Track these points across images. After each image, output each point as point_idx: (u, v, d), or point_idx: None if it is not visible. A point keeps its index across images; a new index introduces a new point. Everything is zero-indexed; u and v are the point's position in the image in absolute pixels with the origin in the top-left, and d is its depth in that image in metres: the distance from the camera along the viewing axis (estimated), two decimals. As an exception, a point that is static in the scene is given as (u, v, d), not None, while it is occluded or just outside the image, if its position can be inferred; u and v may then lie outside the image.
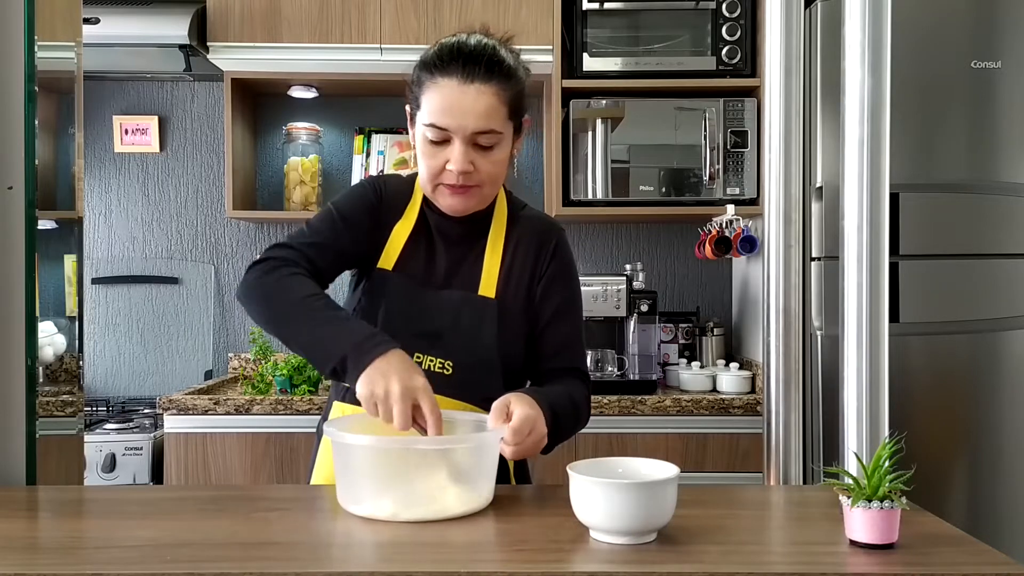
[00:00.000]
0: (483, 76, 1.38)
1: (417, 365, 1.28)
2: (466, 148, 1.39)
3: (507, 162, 1.47)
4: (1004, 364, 2.33)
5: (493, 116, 1.39)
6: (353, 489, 1.19)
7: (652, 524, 1.05)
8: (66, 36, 1.60)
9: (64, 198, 1.62)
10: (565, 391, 1.44)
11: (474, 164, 1.40)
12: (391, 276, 1.47)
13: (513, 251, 1.51)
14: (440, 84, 1.38)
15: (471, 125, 1.38)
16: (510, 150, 1.46)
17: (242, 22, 2.83)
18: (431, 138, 1.40)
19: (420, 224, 1.51)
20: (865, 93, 1.36)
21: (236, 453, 2.59)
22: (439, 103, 1.38)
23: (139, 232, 3.29)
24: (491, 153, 1.41)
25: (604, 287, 2.81)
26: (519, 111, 1.45)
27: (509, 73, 1.41)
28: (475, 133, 1.38)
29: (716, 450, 2.62)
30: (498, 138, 1.41)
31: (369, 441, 1.19)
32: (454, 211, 1.46)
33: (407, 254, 1.49)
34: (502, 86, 1.39)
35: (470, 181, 1.41)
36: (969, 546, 1.06)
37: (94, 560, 1.01)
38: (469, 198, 1.44)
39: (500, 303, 1.47)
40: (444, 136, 1.39)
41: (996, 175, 2.33)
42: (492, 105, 1.38)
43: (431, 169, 1.42)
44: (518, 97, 1.43)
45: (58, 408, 1.55)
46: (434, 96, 1.39)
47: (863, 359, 1.36)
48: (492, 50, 1.40)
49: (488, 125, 1.38)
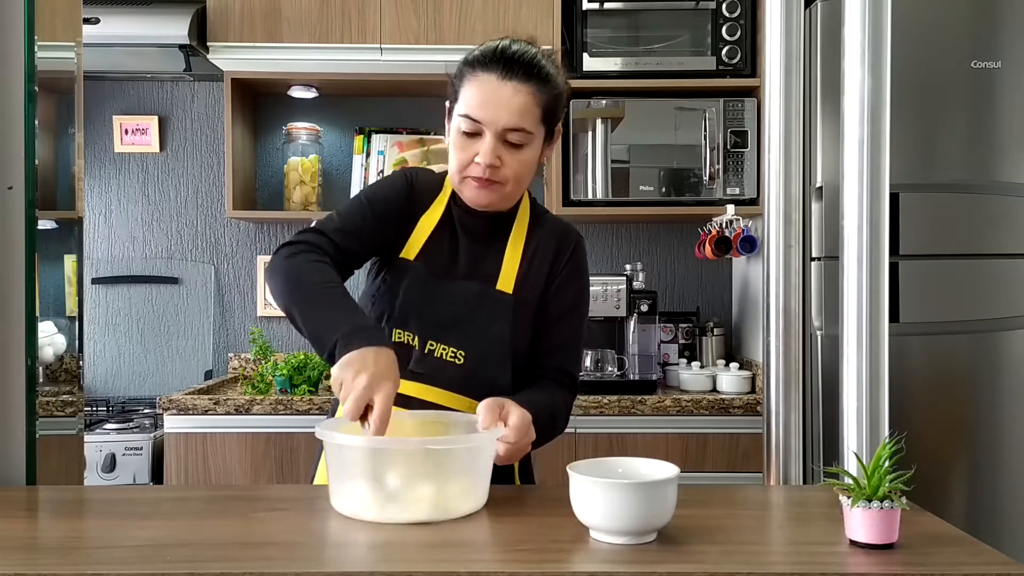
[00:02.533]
0: (522, 76, 1.41)
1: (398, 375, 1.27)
2: (496, 143, 1.42)
3: (535, 164, 1.49)
4: (1004, 364, 2.33)
5: (526, 115, 1.42)
6: (344, 490, 1.19)
7: (652, 524, 1.05)
8: (66, 36, 1.60)
9: (64, 198, 1.62)
10: (546, 399, 1.45)
11: (501, 159, 1.43)
12: (412, 265, 1.49)
13: (533, 251, 1.53)
14: (480, 78, 1.42)
15: (503, 120, 1.40)
16: (539, 154, 1.49)
17: (242, 22, 2.83)
18: (464, 129, 1.43)
19: (446, 218, 1.53)
20: (865, 93, 1.36)
21: (236, 453, 2.59)
22: (476, 96, 1.42)
23: (139, 232, 3.29)
24: (520, 152, 1.44)
25: (604, 287, 2.81)
26: (553, 117, 1.48)
27: (547, 78, 1.45)
28: (506, 129, 1.41)
29: (716, 450, 2.62)
30: (529, 138, 1.44)
31: (361, 442, 1.18)
32: (477, 204, 1.48)
33: (430, 245, 1.51)
34: (539, 88, 1.43)
35: (496, 176, 1.43)
36: (969, 546, 1.06)
37: (94, 560, 1.01)
38: (492, 192, 1.46)
39: (516, 299, 1.49)
40: (476, 128, 1.42)
41: (996, 175, 2.33)
42: (526, 104, 1.41)
43: (460, 161, 1.45)
44: (553, 102, 1.46)
45: (58, 408, 1.55)
46: (472, 89, 1.43)
47: (863, 359, 1.36)
48: (533, 55, 1.44)
49: (520, 123, 1.41)
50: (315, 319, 1.34)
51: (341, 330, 1.28)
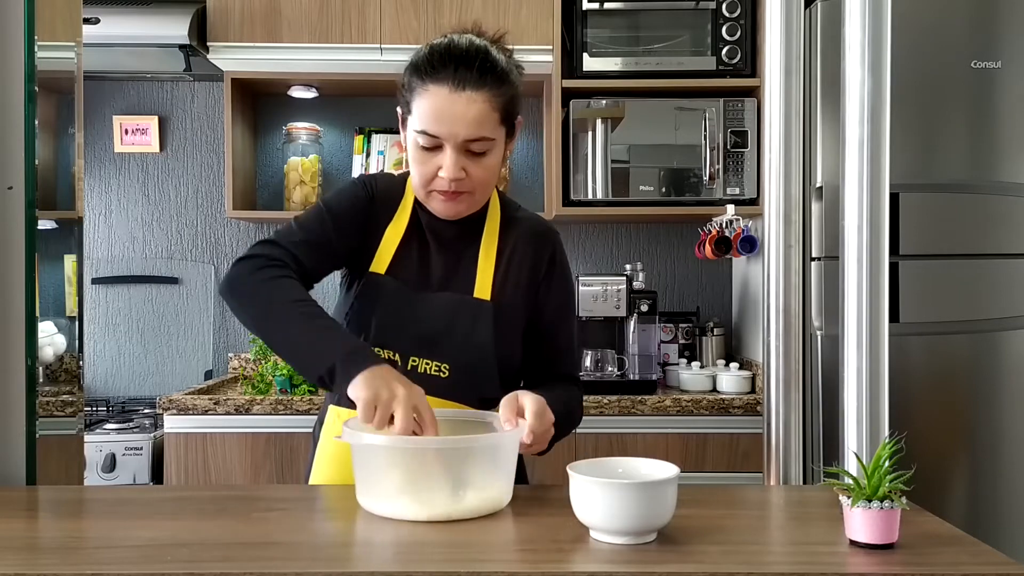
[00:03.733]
0: (475, 83, 1.35)
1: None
2: (458, 155, 1.37)
3: (500, 166, 1.45)
4: (1004, 364, 2.33)
5: (485, 123, 1.37)
6: (374, 489, 1.19)
7: (652, 524, 1.05)
8: (66, 36, 1.60)
9: (64, 198, 1.62)
10: (559, 394, 1.44)
11: (466, 171, 1.39)
12: (384, 280, 1.46)
13: (509, 253, 1.50)
14: (431, 91, 1.36)
15: (463, 133, 1.36)
16: (503, 154, 1.45)
17: (242, 22, 2.83)
18: (423, 144, 1.38)
19: (412, 226, 1.49)
20: (865, 93, 1.36)
21: (236, 453, 2.59)
22: (430, 110, 1.36)
23: (139, 232, 3.29)
24: (483, 159, 1.40)
25: (604, 287, 2.81)
26: (511, 115, 1.43)
27: (502, 78, 1.39)
28: (467, 141, 1.37)
29: (716, 450, 2.62)
30: (490, 144, 1.40)
31: (387, 441, 1.18)
32: (446, 216, 1.46)
33: (400, 257, 1.48)
34: (494, 92, 1.37)
35: (462, 187, 1.40)
36: (969, 546, 1.06)
37: (94, 560, 1.01)
38: (460, 203, 1.43)
39: (495, 305, 1.47)
40: (435, 143, 1.37)
41: (996, 175, 2.33)
42: (484, 112, 1.36)
43: (423, 175, 1.41)
44: (511, 102, 1.41)
45: (58, 408, 1.55)
46: (425, 103, 1.37)
47: (863, 359, 1.36)
48: (484, 53, 1.38)
49: (480, 132, 1.37)
50: (295, 341, 1.31)
51: (334, 356, 1.26)
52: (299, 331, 1.31)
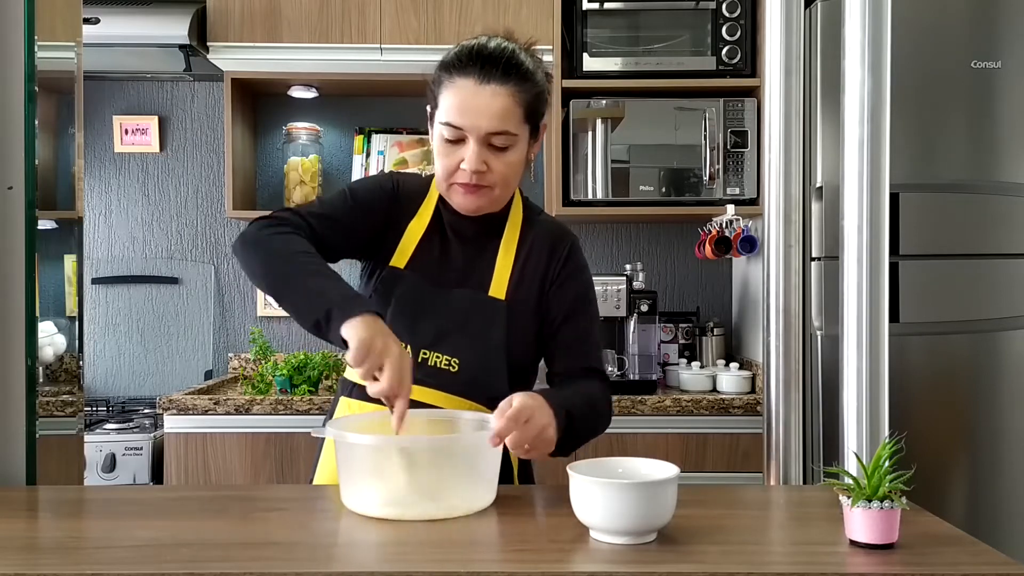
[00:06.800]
0: (500, 77, 1.39)
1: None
2: (480, 148, 1.40)
3: (522, 164, 1.47)
4: (1004, 364, 2.33)
5: (508, 117, 1.40)
6: (355, 488, 1.19)
7: (652, 524, 1.05)
8: (66, 36, 1.60)
9: (64, 198, 1.62)
10: (580, 391, 1.44)
11: (487, 164, 1.41)
12: (403, 274, 1.48)
13: (527, 254, 1.52)
14: (457, 84, 1.40)
15: (485, 125, 1.39)
16: (526, 153, 1.47)
17: (242, 22, 2.83)
18: (447, 137, 1.41)
19: (434, 222, 1.52)
20: (865, 93, 1.36)
21: (236, 453, 2.59)
22: (455, 102, 1.40)
23: (139, 232, 3.29)
24: (505, 154, 1.42)
25: (604, 287, 2.81)
26: (536, 114, 1.46)
27: (526, 76, 1.42)
28: (489, 134, 1.39)
29: (716, 450, 2.62)
30: (513, 140, 1.42)
31: (370, 440, 1.19)
32: (466, 210, 1.47)
33: (420, 252, 1.50)
34: (519, 88, 1.40)
35: (483, 181, 1.42)
36: (969, 546, 1.06)
37: (94, 560, 1.01)
38: (480, 197, 1.44)
39: (509, 305, 1.48)
40: (459, 135, 1.40)
41: (996, 175, 2.33)
42: (507, 106, 1.39)
43: (446, 168, 1.43)
44: (535, 100, 1.44)
45: (58, 408, 1.55)
46: (451, 95, 1.40)
47: (863, 359, 1.36)
48: (511, 53, 1.42)
49: (502, 126, 1.39)
50: (296, 288, 1.34)
51: (331, 300, 1.28)
52: (299, 278, 1.34)
